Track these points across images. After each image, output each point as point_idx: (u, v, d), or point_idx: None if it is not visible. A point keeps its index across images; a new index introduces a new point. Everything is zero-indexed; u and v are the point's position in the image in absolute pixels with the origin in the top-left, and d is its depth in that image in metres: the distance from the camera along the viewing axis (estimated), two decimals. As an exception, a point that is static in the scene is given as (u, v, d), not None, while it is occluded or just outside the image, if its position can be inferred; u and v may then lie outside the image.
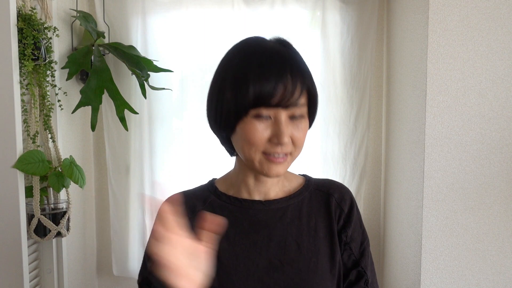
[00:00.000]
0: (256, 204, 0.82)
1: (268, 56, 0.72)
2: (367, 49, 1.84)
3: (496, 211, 1.50)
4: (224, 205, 0.82)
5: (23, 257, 1.40)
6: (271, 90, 0.69)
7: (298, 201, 0.84)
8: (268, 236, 0.79)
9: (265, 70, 0.70)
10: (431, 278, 1.52)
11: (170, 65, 1.79)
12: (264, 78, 0.69)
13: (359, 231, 0.86)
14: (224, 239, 0.78)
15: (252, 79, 0.69)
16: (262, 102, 0.70)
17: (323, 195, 0.86)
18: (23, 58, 1.38)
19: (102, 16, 1.80)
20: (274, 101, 0.70)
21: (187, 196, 0.84)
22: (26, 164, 1.38)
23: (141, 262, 0.85)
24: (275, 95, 0.70)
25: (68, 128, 1.75)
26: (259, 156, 0.73)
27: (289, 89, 0.70)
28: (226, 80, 0.74)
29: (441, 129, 1.47)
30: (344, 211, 0.85)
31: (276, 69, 0.70)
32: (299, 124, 0.74)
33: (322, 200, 0.85)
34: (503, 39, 1.44)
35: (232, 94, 0.72)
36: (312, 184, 0.87)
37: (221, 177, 0.89)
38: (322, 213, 0.84)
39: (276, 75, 0.69)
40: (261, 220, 0.80)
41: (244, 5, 1.81)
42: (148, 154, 1.87)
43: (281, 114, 0.71)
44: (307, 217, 0.82)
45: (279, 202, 0.82)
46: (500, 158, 1.48)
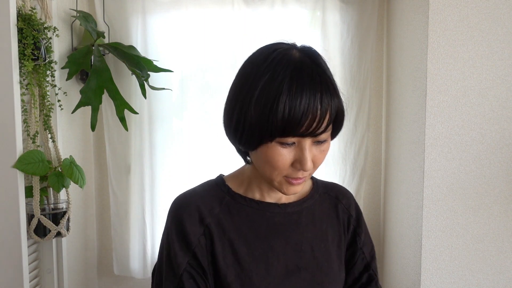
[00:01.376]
0: (272, 207, 0.80)
1: (298, 76, 0.67)
2: (367, 49, 1.84)
3: (496, 211, 1.50)
4: (241, 207, 0.80)
5: (23, 257, 1.40)
6: (300, 120, 0.65)
7: (311, 204, 0.83)
8: (285, 240, 0.79)
9: (296, 96, 0.65)
10: (431, 278, 1.52)
11: (170, 65, 1.79)
12: (294, 107, 0.65)
13: (368, 235, 0.88)
14: (243, 242, 0.77)
15: (282, 106, 0.65)
16: (290, 132, 0.66)
17: (332, 199, 0.86)
18: (23, 58, 1.38)
19: (102, 16, 1.80)
20: (301, 130, 0.66)
21: (201, 197, 0.80)
22: (26, 164, 1.38)
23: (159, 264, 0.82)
24: (303, 126, 0.66)
25: (68, 128, 1.75)
26: (280, 178, 0.72)
27: (318, 119, 0.66)
28: (252, 96, 0.68)
29: (441, 129, 1.47)
30: (352, 216, 0.86)
31: (307, 96, 0.65)
32: (321, 146, 0.71)
33: (331, 205, 0.86)
34: (503, 39, 1.44)
35: (257, 116, 0.67)
36: (320, 187, 0.87)
37: (231, 175, 0.85)
38: (331, 218, 0.84)
39: (307, 103, 0.65)
40: (277, 224, 0.79)
41: (244, 5, 1.81)
42: (148, 154, 1.87)
43: (306, 141, 0.69)
44: (319, 221, 0.82)
45: (293, 205, 0.81)
46: (500, 158, 1.48)
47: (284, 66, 0.68)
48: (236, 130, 0.71)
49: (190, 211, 0.78)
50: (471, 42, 1.44)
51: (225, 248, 0.76)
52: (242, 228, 0.78)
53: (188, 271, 0.75)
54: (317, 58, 0.71)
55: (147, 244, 1.90)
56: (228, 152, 1.85)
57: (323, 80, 0.67)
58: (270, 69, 0.68)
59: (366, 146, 1.89)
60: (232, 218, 0.78)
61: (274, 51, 0.71)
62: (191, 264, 0.75)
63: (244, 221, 0.78)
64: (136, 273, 1.91)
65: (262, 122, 0.67)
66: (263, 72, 0.69)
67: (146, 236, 1.89)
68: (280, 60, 0.69)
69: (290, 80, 0.66)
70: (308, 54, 0.71)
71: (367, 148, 1.89)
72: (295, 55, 0.70)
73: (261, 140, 0.68)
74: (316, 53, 0.72)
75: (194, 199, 0.79)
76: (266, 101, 0.66)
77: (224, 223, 0.77)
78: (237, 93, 0.72)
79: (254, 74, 0.70)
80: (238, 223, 0.78)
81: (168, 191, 1.88)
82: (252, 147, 0.71)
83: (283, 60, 0.69)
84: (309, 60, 0.69)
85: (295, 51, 0.71)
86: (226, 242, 0.76)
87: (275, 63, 0.69)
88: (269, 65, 0.69)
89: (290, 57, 0.69)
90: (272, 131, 0.66)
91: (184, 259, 0.75)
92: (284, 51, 0.70)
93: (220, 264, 0.75)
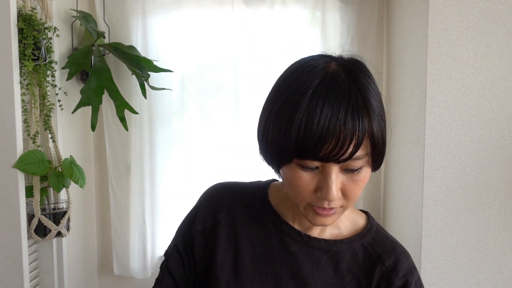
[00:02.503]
0: (294, 233, 0.71)
1: (324, 90, 0.56)
2: (367, 49, 1.84)
3: (496, 211, 1.50)
4: (264, 219, 0.73)
5: (23, 257, 1.40)
6: (318, 142, 0.55)
7: (343, 250, 0.70)
8: (292, 273, 0.69)
9: (315, 113, 0.55)
10: (431, 278, 1.52)
11: (170, 65, 1.80)
12: (311, 126, 0.55)
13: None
14: (249, 254, 0.71)
15: (298, 123, 0.56)
16: (306, 155, 0.57)
17: (373, 256, 0.70)
18: (23, 58, 1.38)
19: (102, 16, 1.81)
20: (321, 155, 0.56)
21: (232, 192, 0.77)
22: (26, 164, 1.38)
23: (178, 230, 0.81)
24: (322, 149, 0.56)
25: (68, 128, 1.75)
26: (304, 204, 0.63)
27: (341, 143, 0.55)
28: (274, 110, 0.60)
29: (441, 129, 1.47)
30: (393, 285, 0.68)
31: (329, 114, 0.55)
32: (355, 176, 0.60)
33: (367, 262, 0.70)
34: (503, 39, 1.44)
35: (275, 133, 0.59)
36: (369, 237, 0.72)
37: (279, 183, 0.77)
38: (361, 277, 0.69)
39: (327, 122, 0.55)
40: (292, 253, 0.70)
41: (244, 5, 1.81)
42: (148, 154, 1.87)
43: (332, 167, 0.58)
44: (343, 273, 0.69)
45: (320, 242, 0.70)
46: (500, 158, 1.48)
47: (311, 79, 0.58)
48: (260, 146, 0.65)
49: (212, 200, 0.76)
50: (471, 42, 1.45)
51: (229, 250, 0.72)
52: (255, 239, 0.72)
53: (178, 248, 0.76)
54: (358, 73, 0.59)
55: (147, 244, 1.90)
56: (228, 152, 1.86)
57: (354, 97, 0.56)
58: (296, 81, 0.59)
59: (366, 146, 1.89)
60: (250, 226, 0.73)
61: (307, 62, 0.61)
62: (186, 244, 0.75)
63: (260, 234, 0.72)
64: (136, 273, 1.92)
65: (279, 140, 0.58)
66: (289, 85, 0.60)
67: (146, 236, 1.89)
68: (310, 71, 0.59)
69: (312, 94, 0.56)
70: (347, 67, 0.60)
71: (367, 148, 1.89)
72: (330, 67, 0.59)
73: (280, 160, 0.60)
74: (360, 68, 0.61)
75: (225, 191, 0.77)
76: (283, 116, 0.58)
77: (238, 226, 0.73)
78: (264, 107, 0.64)
79: (279, 87, 0.62)
80: (254, 232, 0.72)
81: (168, 191, 1.88)
82: (274, 167, 0.65)
83: (312, 72, 0.58)
84: (345, 74, 0.58)
85: (334, 63, 0.60)
86: (232, 245, 0.72)
87: (302, 75, 0.59)
88: (297, 77, 0.60)
89: (321, 69, 0.59)
90: (288, 151, 0.57)
91: (182, 237, 0.76)
92: (318, 63, 0.60)
93: (217, 263, 0.71)
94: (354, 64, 0.61)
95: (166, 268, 0.76)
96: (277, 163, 0.62)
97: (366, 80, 0.59)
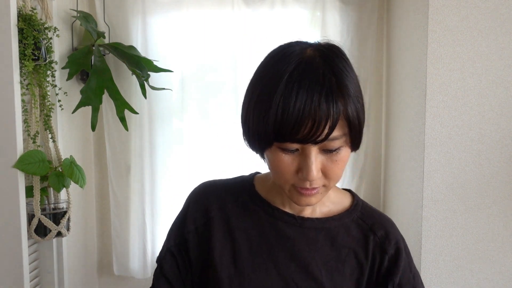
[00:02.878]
0: (287, 217, 0.73)
1: (300, 75, 0.59)
2: (367, 49, 1.84)
3: (496, 211, 1.50)
4: (256, 209, 0.74)
5: (23, 257, 1.40)
6: (295, 125, 0.57)
7: (335, 226, 0.73)
8: (292, 255, 0.71)
9: (291, 96, 0.58)
10: (431, 278, 1.52)
11: (170, 65, 1.80)
12: (288, 109, 0.57)
13: (409, 277, 0.74)
14: (247, 245, 0.72)
15: (275, 108, 0.58)
16: (284, 138, 0.59)
17: (365, 228, 0.74)
18: (23, 58, 1.38)
19: (102, 16, 1.81)
20: (298, 137, 0.59)
21: (220, 188, 0.78)
22: (26, 164, 1.38)
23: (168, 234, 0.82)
24: (299, 131, 0.58)
25: (69, 128, 1.75)
26: (289, 186, 0.65)
27: (317, 124, 0.57)
28: (253, 96, 0.63)
29: (441, 129, 1.48)
30: (387, 254, 0.72)
31: (304, 97, 0.57)
32: (334, 156, 0.62)
33: (361, 234, 0.74)
34: (503, 39, 1.44)
35: (255, 119, 0.62)
36: (358, 211, 0.76)
37: (263, 175, 0.79)
38: (357, 249, 0.72)
39: (302, 105, 0.57)
40: (288, 236, 0.72)
41: (244, 5, 1.81)
42: (148, 154, 1.87)
43: (311, 148, 0.61)
44: (339, 247, 0.72)
45: (313, 221, 0.73)
46: (500, 158, 1.48)
47: (287, 64, 0.60)
48: (243, 132, 0.68)
49: (200, 198, 0.78)
50: (471, 42, 1.45)
51: (226, 246, 0.73)
52: (250, 231, 0.73)
53: (172, 251, 0.76)
54: (334, 58, 0.62)
55: (147, 244, 1.90)
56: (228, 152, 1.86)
57: (328, 80, 0.58)
58: (273, 67, 0.62)
59: (366, 146, 1.89)
60: (243, 219, 0.74)
61: (284, 49, 0.64)
62: (180, 246, 0.76)
63: (254, 225, 0.73)
64: (136, 273, 1.92)
65: (259, 125, 0.61)
66: (267, 72, 0.63)
67: (146, 236, 1.89)
68: (286, 58, 0.61)
69: (287, 79, 0.59)
70: (323, 52, 0.62)
71: (367, 148, 1.90)
72: (306, 52, 0.62)
73: (261, 144, 0.63)
74: (336, 52, 0.63)
75: (211, 189, 0.78)
76: (261, 102, 0.61)
77: (232, 220, 0.74)
78: (245, 94, 0.67)
79: (258, 74, 0.65)
80: (247, 225, 0.74)
81: (168, 191, 1.88)
82: (258, 151, 0.67)
83: (288, 58, 0.61)
84: (320, 59, 0.61)
85: (310, 49, 0.63)
86: (228, 240, 0.73)
87: (279, 61, 0.62)
88: (274, 63, 0.62)
89: (297, 55, 0.61)
90: (268, 135, 0.60)
91: (175, 239, 0.77)
92: (294, 49, 0.63)
93: (215, 260, 0.72)
94: (330, 49, 0.63)
95: (161, 273, 0.76)
96: (259, 147, 0.65)
97: (341, 64, 0.62)
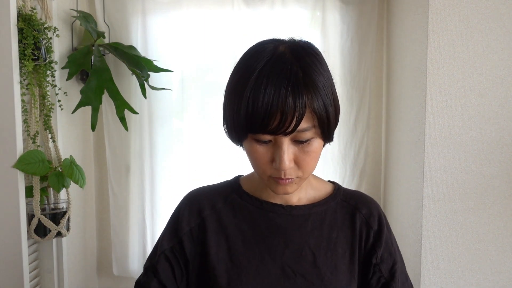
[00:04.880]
0: (276, 208, 0.77)
1: (268, 70, 0.63)
2: (367, 49, 1.84)
3: (496, 211, 1.50)
4: (245, 205, 0.79)
5: (23, 257, 1.40)
6: (264, 117, 0.61)
7: (322, 211, 0.78)
8: (285, 242, 0.75)
9: (260, 90, 0.62)
10: (431, 278, 1.52)
11: (170, 65, 1.80)
12: (257, 102, 0.61)
13: (391, 251, 0.80)
14: (241, 239, 0.76)
15: (246, 101, 0.62)
16: (256, 130, 0.63)
17: (349, 208, 0.80)
18: (23, 58, 1.38)
19: (102, 16, 1.80)
20: (269, 129, 0.62)
21: (208, 192, 0.82)
22: (26, 164, 1.38)
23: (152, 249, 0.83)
24: (269, 124, 0.62)
25: (68, 128, 1.75)
26: (266, 176, 0.69)
27: (286, 116, 0.61)
28: (229, 91, 0.68)
29: (441, 129, 1.48)
30: (372, 229, 0.79)
31: (271, 91, 0.61)
32: (306, 147, 0.66)
33: (347, 214, 0.79)
34: (503, 39, 1.44)
35: (230, 112, 0.67)
36: (340, 195, 0.81)
37: (247, 175, 0.84)
38: (345, 228, 0.78)
39: (270, 98, 0.61)
40: (279, 225, 0.76)
41: (244, 5, 1.81)
42: (148, 154, 1.87)
43: (282, 139, 0.64)
44: (328, 229, 0.77)
45: (301, 208, 0.77)
46: (500, 158, 1.48)
47: (259, 60, 0.65)
48: (223, 125, 0.72)
49: (191, 202, 0.81)
50: (471, 42, 1.45)
51: (220, 242, 0.76)
52: (242, 225, 0.77)
53: (166, 254, 0.77)
54: (303, 53, 0.66)
55: (147, 244, 1.90)
56: (228, 152, 1.86)
57: (294, 74, 0.62)
58: (246, 63, 0.67)
59: (366, 146, 1.89)
60: (234, 215, 0.78)
61: (258, 46, 0.69)
62: (174, 249, 0.78)
63: (245, 219, 0.78)
64: (135, 274, 1.91)
65: (233, 117, 0.66)
66: (241, 67, 0.67)
67: (145, 237, 1.89)
68: (259, 54, 0.66)
69: (258, 74, 0.63)
70: (294, 48, 0.67)
71: (367, 148, 1.90)
72: (278, 49, 0.66)
73: (237, 136, 0.68)
74: (307, 49, 0.68)
75: (201, 193, 0.82)
76: (235, 96, 0.65)
77: (224, 218, 0.78)
78: (225, 90, 0.71)
79: (234, 70, 0.70)
80: (239, 220, 0.78)
81: (168, 191, 1.88)
82: (236, 143, 0.72)
83: (261, 54, 0.65)
84: (290, 54, 0.65)
85: (283, 46, 0.67)
86: (222, 237, 0.77)
87: (253, 57, 0.66)
88: (248, 59, 0.67)
89: (269, 51, 0.66)
90: (241, 127, 0.64)
91: (169, 243, 0.78)
92: (267, 46, 0.67)
93: (211, 257, 0.75)
94: (301, 46, 0.68)
95: (154, 277, 0.77)
96: (236, 138, 0.69)
97: (310, 59, 0.66)
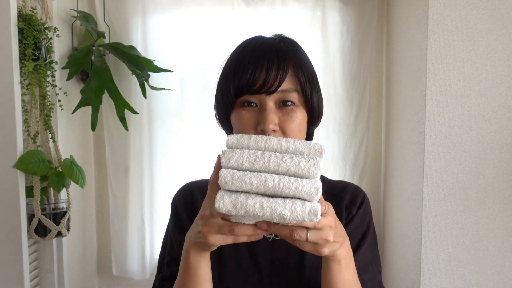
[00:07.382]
0: None
1: (257, 48, 0.72)
2: (367, 49, 1.84)
3: (496, 211, 1.50)
4: None
5: (23, 257, 1.40)
6: (251, 75, 0.69)
7: None
8: (273, 235, 0.78)
9: (249, 58, 0.70)
10: (431, 278, 1.52)
11: (170, 65, 1.80)
12: (245, 66, 0.69)
13: (361, 228, 0.82)
14: None
15: (236, 69, 0.70)
16: (244, 89, 0.69)
17: (334, 198, 0.82)
18: (23, 58, 1.38)
19: (102, 16, 1.80)
20: (255, 87, 0.69)
21: (200, 183, 0.86)
22: (26, 164, 1.38)
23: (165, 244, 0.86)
24: (256, 81, 0.68)
25: (68, 128, 1.75)
26: None
27: (271, 74, 0.68)
28: (220, 77, 0.76)
29: (441, 129, 1.48)
30: (352, 213, 0.82)
31: (259, 56, 0.70)
32: (290, 113, 0.70)
33: (333, 204, 0.80)
34: (503, 39, 1.45)
35: (220, 89, 0.74)
36: (326, 186, 0.83)
37: None
38: None
39: (258, 61, 0.69)
40: None
41: (244, 5, 1.81)
42: (148, 154, 1.87)
43: (267, 101, 0.69)
44: None
45: None
46: (500, 158, 1.48)
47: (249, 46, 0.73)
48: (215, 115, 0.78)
49: (184, 197, 0.84)
50: (471, 42, 1.45)
51: None
52: None
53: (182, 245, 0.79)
54: (289, 40, 0.75)
55: (146, 245, 1.90)
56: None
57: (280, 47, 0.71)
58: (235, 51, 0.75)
59: (366, 146, 1.89)
60: None
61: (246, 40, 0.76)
62: None
63: None
64: (134, 274, 1.91)
65: (223, 90, 0.72)
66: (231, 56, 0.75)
67: (145, 237, 1.89)
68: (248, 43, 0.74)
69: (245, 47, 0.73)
70: (280, 38, 0.75)
71: (367, 148, 1.90)
72: (266, 39, 0.75)
73: (227, 109, 0.72)
74: (290, 39, 0.76)
75: (191, 186, 0.85)
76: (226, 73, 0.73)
77: None
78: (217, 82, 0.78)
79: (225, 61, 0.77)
80: None
81: (167, 191, 1.88)
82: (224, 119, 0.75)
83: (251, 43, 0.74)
84: (275, 39, 0.74)
85: (269, 38, 0.76)
86: None
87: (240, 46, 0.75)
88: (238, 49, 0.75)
89: (260, 39, 0.74)
90: (230, 94, 0.70)
91: (181, 234, 0.79)
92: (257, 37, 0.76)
93: None
94: (286, 38, 0.76)
95: None
96: (225, 112, 0.74)
97: (296, 45, 0.75)
